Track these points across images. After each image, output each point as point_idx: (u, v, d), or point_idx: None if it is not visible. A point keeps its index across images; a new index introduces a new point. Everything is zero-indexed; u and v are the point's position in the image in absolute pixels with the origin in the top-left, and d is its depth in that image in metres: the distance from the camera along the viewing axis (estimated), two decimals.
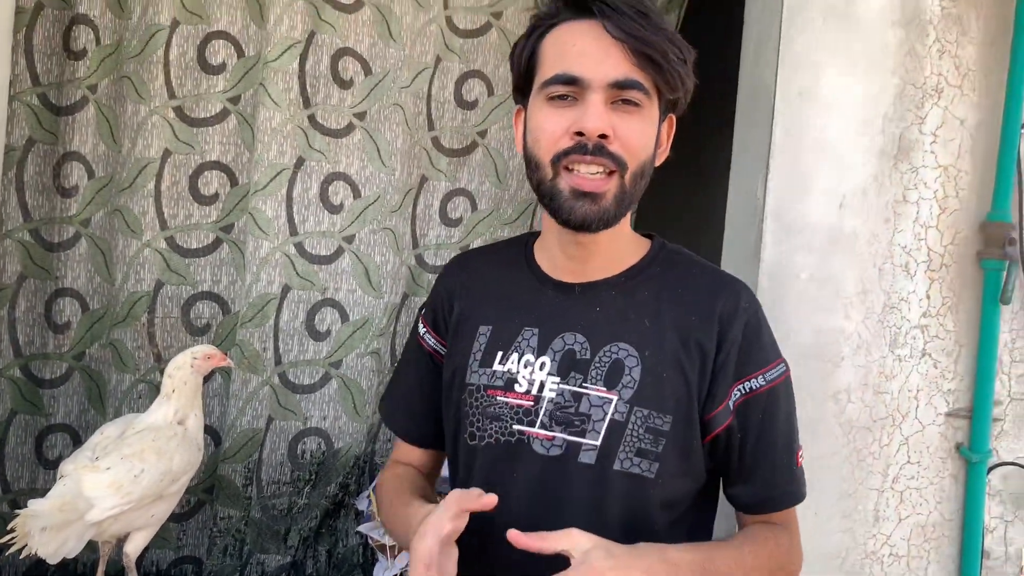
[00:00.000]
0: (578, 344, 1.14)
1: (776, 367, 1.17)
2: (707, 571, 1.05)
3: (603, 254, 1.16)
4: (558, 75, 1.06)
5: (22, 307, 1.89)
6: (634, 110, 1.07)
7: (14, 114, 1.85)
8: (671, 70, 1.07)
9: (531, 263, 1.22)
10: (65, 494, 1.50)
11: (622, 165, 1.07)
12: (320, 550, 2.02)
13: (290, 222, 1.99)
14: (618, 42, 1.04)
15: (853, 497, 1.96)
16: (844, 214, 1.94)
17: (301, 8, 1.97)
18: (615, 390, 1.10)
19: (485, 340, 1.18)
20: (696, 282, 1.17)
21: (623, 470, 1.09)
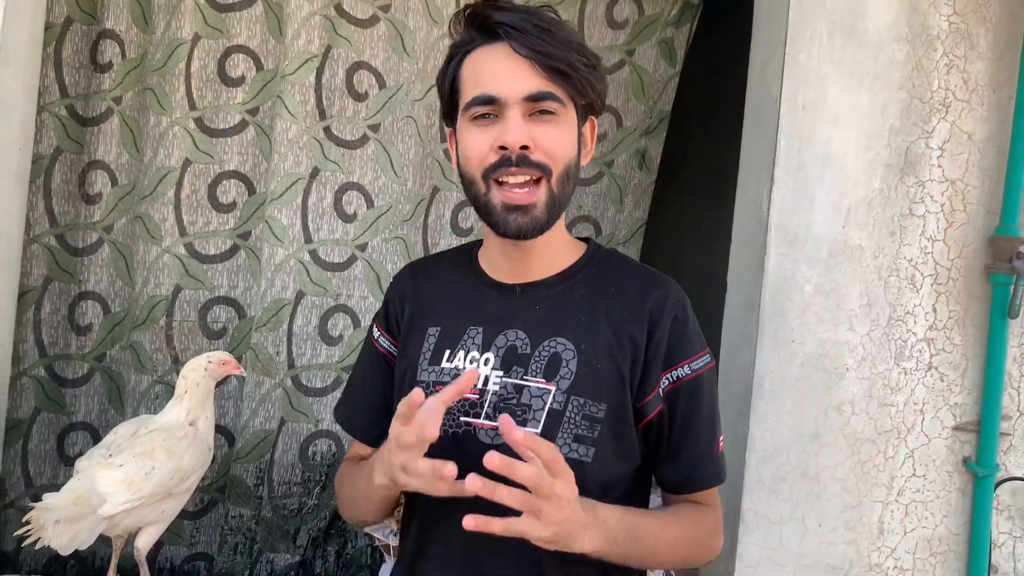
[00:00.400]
0: (519, 340, 1.21)
1: (701, 358, 1.24)
2: (631, 535, 1.13)
3: (540, 256, 1.24)
4: (476, 97, 1.14)
5: (47, 309, 1.96)
6: (551, 119, 1.15)
7: (43, 124, 1.93)
8: (579, 79, 1.15)
9: (475, 268, 1.30)
10: (79, 489, 1.56)
11: (547, 171, 1.15)
12: (329, 550, 2.06)
13: (305, 230, 2.05)
14: (526, 59, 1.12)
15: (857, 509, 1.96)
16: (849, 227, 1.95)
17: (318, 23, 2.03)
18: (553, 381, 1.18)
19: (434, 340, 1.26)
20: (628, 280, 1.25)
21: (562, 455, 1.12)
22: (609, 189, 2.22)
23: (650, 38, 2.22)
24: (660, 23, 2.22)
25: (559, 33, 1.15)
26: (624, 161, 2.23)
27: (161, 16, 2.00)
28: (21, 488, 1.95)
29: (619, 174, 2.22)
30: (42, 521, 1.48)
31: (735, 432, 1.97)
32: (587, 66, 1.17)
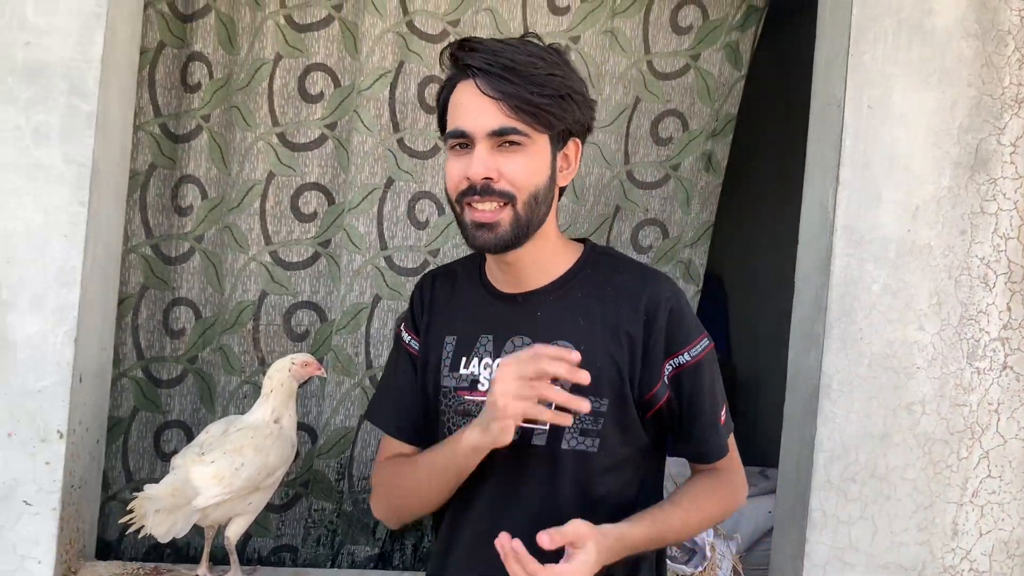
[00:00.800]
0: (525, 345, 1.32)
1: (700, 343, 1.35)
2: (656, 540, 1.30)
3: (532, 266, 1.36)
4: (451, 131, 1.29)
5: (143, 315, 2.10)
6: (517, 149, 1.26)
7: (138, 142, 2.07)
8: (543, 112, 1.25)
9: (483, 279, 1.43)
10: (175, 482, 1.68)
11: (511, 197, 1.26)
12: (406, 543, 2.15)
13: (380, 237, 2.15)
14: (490, 98, 1.24)
15: (929, 510, 1.95)
16: (917, 226, 1.95)
17: (391, 40, 2.13)
18: (557, 382, 1.24)
19: (452, 348, 1.40)
20: (622, 279, 1.36)
21: (570, 448, 1.30)
22: (676, 192, 2.26)
23: (715, 42, 2.25)
24: (725, 27, 2.25)
25: (524, 70, 1.24)
26: (690, 164, 2.26)
27: (245, 38, 2.12)
28: (122, 482, 2.10)
29: (685, 177, 2.26)
30: (144, 510, 1.60)
31: (802, 432, 1.99)
32: (552, 97, 1.26)
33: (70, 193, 1.75)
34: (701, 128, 2.26)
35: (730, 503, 1.41)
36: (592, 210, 2.22)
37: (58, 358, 1.74)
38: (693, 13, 2.25)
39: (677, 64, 2.25)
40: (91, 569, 1.86)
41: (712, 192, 2.29)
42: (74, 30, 1.75)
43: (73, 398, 1.76)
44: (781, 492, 2.09)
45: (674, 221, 2.26)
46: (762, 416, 3.28)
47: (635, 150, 2.25)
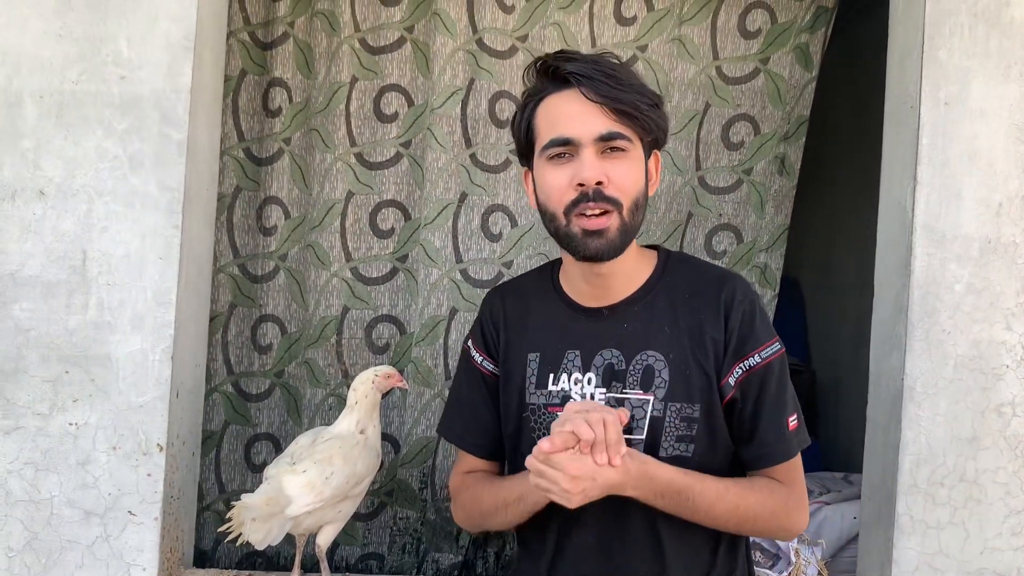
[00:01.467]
0: (615, 358, 1.36)
1: (771, 346, 1.36)
2: (681, 495, 1.28)
3: (618, 277, 1.39)
4: (554, 139, 1.29)
5: (232, 332, 2.19)
6: (622, 155, 1.29)
7: (225, 167, 2.17)
8: (644, 118, 1.28)
9: (560, 293, 1.45)
10: (269, 492, 1.74)
11: (618, 204, 1.29)
12: (489, 551, 2.19)
13: (456, 251, 2.20)
14: (596, 104, 1.26)
15: (1023, 514, 1.90)
16: (1000, 223, 1.90)
17: (462, 58, 2.18)
18: (650, 391, 1.33)
19: (536, 365, 1.42)
20: (700, 284, 1.38)
21: (667, 454, 1.33)
22: (749, 196, 2.25)
23: (784, 45, 2.24)
24: (794, 29, 2.24)
25: (623, 78, 1.29)
26: (763, 167, 2.25)
27: (322, 63, 2.20)
28: (215, 493, 2.18)
29: (758, 181, 2.25)
30: (241, 518, 1.67)
31: (886, 436, 1.96)
32: (650, 105, 1.30)
33: (164, 218, 1.85)
34: (773, 131, 2.25)
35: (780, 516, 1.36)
36: (664, 217, 2.23)
37: (157, 375, 1.83)
38: (761, 17, 2.24)
39: (746, 68, 2.25)
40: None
41: (786, 195, 2.28)
42: (164, 63, 1.85)
43: (171, 412, 1.85)
44: (866, 497, 2.05)
45: (748, 225, 2.26)
46: (844, 421, 3.22)
47: (706, 155, 2.25)
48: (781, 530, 1.38)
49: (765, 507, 1.34)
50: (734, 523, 1.34)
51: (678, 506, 1.30)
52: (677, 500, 1.29)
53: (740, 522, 1.34)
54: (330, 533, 1.85)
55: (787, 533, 1.40)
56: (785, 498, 1.36)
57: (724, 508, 1.31)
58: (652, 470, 1.27)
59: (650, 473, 1.26)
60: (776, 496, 1.35)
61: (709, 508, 1.30)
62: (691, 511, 1.31)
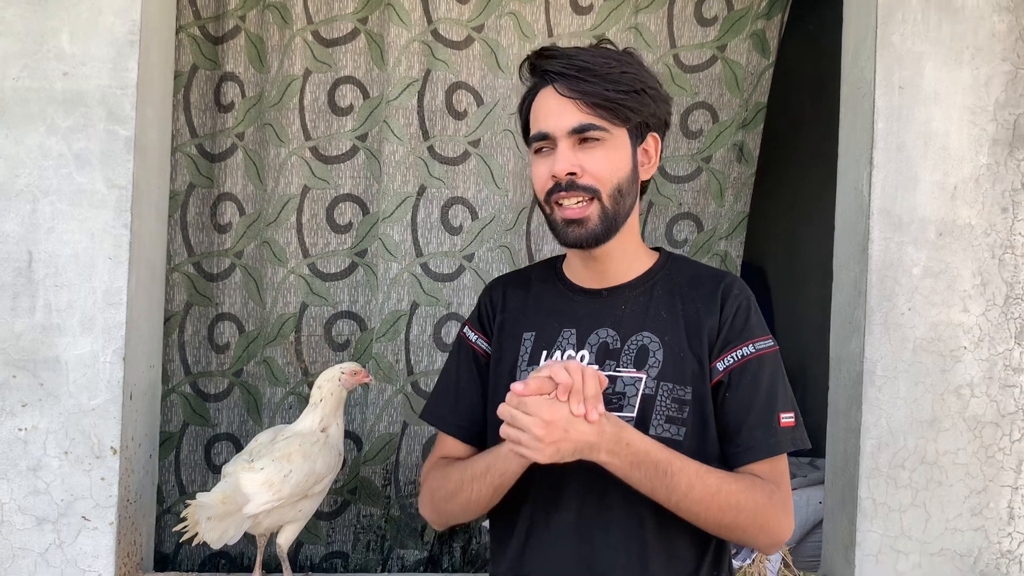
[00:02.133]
0: (610, 337, 1.37)
1: (763, 341, 1.35)
2: (658, 468, 1.24)
3: (616, 263, 1.40)
4: (535, 134, 1.36)
5: (189, 331, 2.16)
6: (597, 144, 1.32)
7: (177, 164, 2.13)
8: (618, 107, 1.31)
9: (561, 278, 1.46)
10: (226, 490, 1.71)
11: (595, 192, 1.32)
12: (454, 546, 2.17)
13: (415, 245, 2.17)
14: (569, 99, 1.31)
15: (983, 494, 1.91)
16: (956, 206, 1.92)
17: (417, 49, 2.16)
18: (643, 370, 1.33)
19: (531, 343, 1.42)
20: (700, 279, 1.40)
21: (657, 435, 1.30)
22: (708, 184, 2.25)
23: (741, 32, 2.24)
24: (750, 16, 2.23)
25: (599, 69, 1.31)
26: (722, 155, 2.25)
27: (274, 56, 2.16)
28: (176, 495, 2.15)
29: (717, 169, 2.24)
30: (196, 517, 1.64)
31: (848, 420, 1.96)
32: (627, 92, 1.32)
33: (113, 216, 1.81)
34: (731, 119, 2.24)
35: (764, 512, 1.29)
36: None
37: (108, 376, 1.79)
38: (718, 4, 2.24)
39: (704, 56, 2.24)
40: None
41: (745, 183, 2.28)
42: (109, 58, 1.80)
43: (125, 415, 1.81)
44: (829, 482, 2.06)
45: (708, 214, 2.25)
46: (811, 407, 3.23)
47: (665, 144, 2.23)
48: (764, 530, 1.30)
49: (749, 499, 1.28)
50: (714, 512, 1.27)
51: (654, 481, 1.24)
52: (654, 474, 1.24)
53: (720, 512, 1.27)
54: (291, 532, 1.82)
55: (769, 536, 1.31)
56: (770, 494, 1.30)
57: (704, 491, 1.25)
58: (629, 436, 1.23)
59: (626, 438, 1.23)
60: (761, 491, 1.29)
61: (688, 489, 1.25)
62: (667, 489, 1.25)
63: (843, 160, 2.06)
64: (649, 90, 1.35)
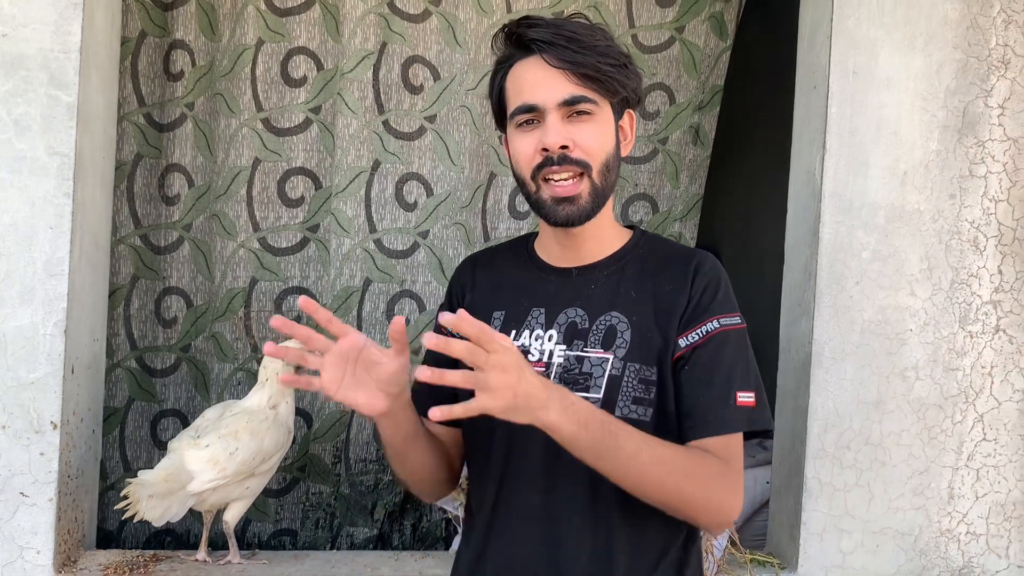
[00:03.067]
0: (578, 316, 1.33)
1: (729, 317, 1.31)
2: (606, 429, 1.18)
3: (591, 241, 1.36)
4: (519, 106, 1.28)
5: (135, 305, 2.11)
6: (587, 118, 1.27)
7: (124, 133, 2.07)
8: (608, 79, 1.26)
9: (533, 256, 1.42)
10: (170, 467, 1.69)
11: (587, 167, 1.27)
12: (405, 524, 2.16)
13: (369, 220, 2.14)
14: (558, 69, 1.25)
15: (925, 475, 1.95)
16: (906, 191, 1.94)
17: (373, 21, 2.12)
18: (611, 350, 1.29)
19: (500, 322, 1.38)
20: (672, 258, 1.36)
21: (623, 416, 1.27)
22: (664, 166, 2.25)
23: (699, 13, 2.23)
24: None
25: (587, 40, 1.27)
26: (678, 137, 2.25)
27: (226, 24, 2.11)
28: (120, 471, 2.11)
29: (673, 151, 2.25)
30: (137, 495, 1.61)
31: (796, 401, 1.99)
32: (614, 66, 1.28)
33: (55, 185, 1.75)
34: (688, 101, 2.25)
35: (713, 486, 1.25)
36: None
37: (49, 350, 1.74)
38: None
39: (662, 37, 2.24)
40: (91, 558, 1.87)
41: (701, 165, 2.28)
42: (51, 20, 1.74)
43: (66, 389, 1.76)
44: (777, 462, 2.09)
45: (663, 195, 2.26)
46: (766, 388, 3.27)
47: None
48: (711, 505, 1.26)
49: (698, 469, 1.24)
50: (661, 478, 1.22)
51: (602, 444, 1.19)
52: (602, 435, 1.19)
53: (667, 479, 1.22)
54: (238, 510, 1.80)
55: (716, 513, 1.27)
56: (722, 470, 1.26)
57: (651, 456, 1.21)
58: (573, 397, 1.19)
59: (571, 398, 1.18)
60: (711, 464, 1.26)
61: (636, 451, 1.20)
62: (614, 453, 1.20)
63: (797, 144, 2.07)
64: (630, 64, 1.32)
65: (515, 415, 1.12)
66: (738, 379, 1.30)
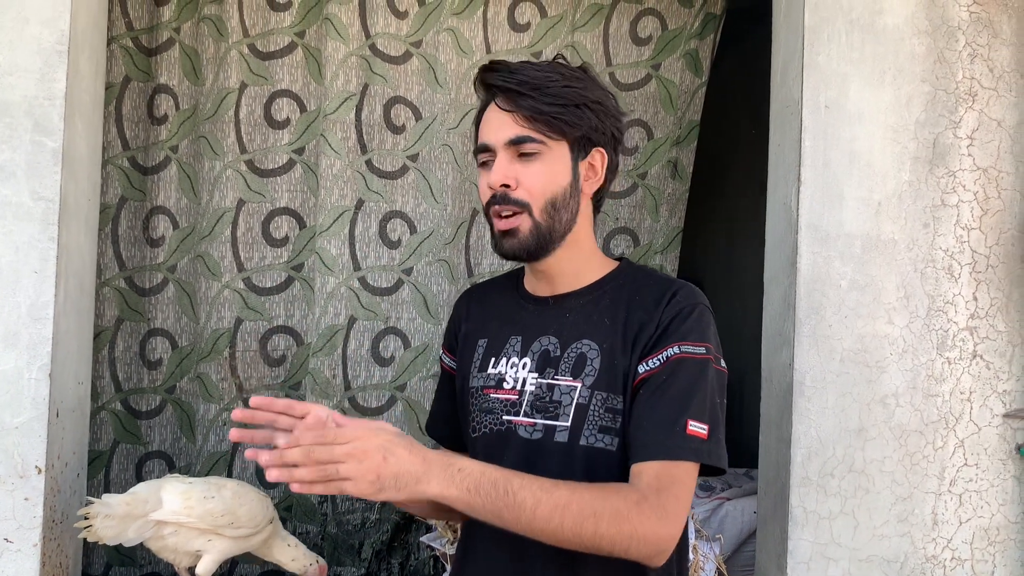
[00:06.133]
0: (551, 344, 1.36)
1: (693, 346, 1.28)
2: (499, 489, 1.13)
3: (566, 273, 1.39)
4: (477, 146, 1.37)
5: (120, 347, 2.11)
6: (534, 158, 1.32)
7: (108, 176, 2.09)
8: (559, 119, 1.30)
9: (519, 287, 1.46)
10: (141, 490, 1.72)
11: (525, 206, 1.32)
12: (393, 562, 2.15)
13: (353, 258, 2.16)
14: (507, 112, 1.31)
15: (908, 501, 1.97)
16: (880, 221, 1.98)
17: (355, 63, 2.16)
18: (579, 379, 1.31)
19: (482, 350, 1.43)
20: (649, 287, 1.36)
21: (588, 445, 1.29)
22: (644, 200, 2.28)
23: (675, 51, 2.28)
24: (684, 36, 2.28)
25: (539, 83, 1.31)
26: (657, 172, 2.29)
27: (209, 68, 2.14)
28: None
29: (653, 185, 2.28)
30: (94, 513, 1.63)
31: (779, 430, 2.00)
32: (565, 106, 1.31)
33: (39, 229, 1.76)
34: (665, 136, 2.29)
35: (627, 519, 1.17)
36: None
37: (33, 394, 1.74)
38: (652, 23, 2.28)
39: (639, 74, 2.28)
40: None
41: (680, 198, 2.32)
42: (36, 68, 1.77)
43: (50, 433, 1.76)
44: (762, 491, 2.10)
45: (644, 229, 2.29)
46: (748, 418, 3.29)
47: None
48: (633, 539, 1.18)
49: (607, 505, 1.17)
50: (571, 525, 1.15)
51: (498, 503, 1.13)
52: (495, 495, 1.13)
53: (577, 524, 1.15)
54: (209, 563, 1.78)
55: (645, 545, 1.18)
56: (638, 500, 1.19)
57: (553, 504, 1.14)
58: (460, 462, 1.13)
59: (457, 464, 1.12)
60: (623, 496, 1.19)
61: (535, 504, 1.14)
62: (514, 510, 1.13)
63: (773, 177, 2.11)
64: (592, 104, 1.34)
65: (386, 495, 1.09)
66: (691, 408, 1.25)
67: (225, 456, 2.14)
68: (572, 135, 1.33)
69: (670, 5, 2.28)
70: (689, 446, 1.24)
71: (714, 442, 1.25)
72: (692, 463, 1.24)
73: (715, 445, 1.25)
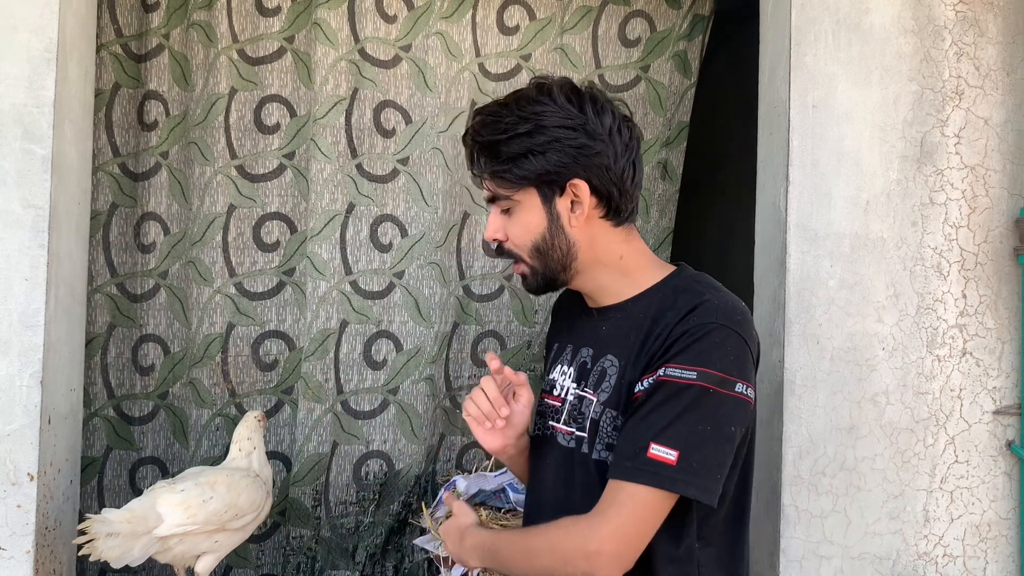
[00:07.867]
0: (588, 356, 1.41)
1: (685, 370, 1.23)
2: (491, 552, 1.36)
3: (602, 289, 1.42)
4: None
5: (112, 353, 2.11)
6: (511, 211, 1.38)
7: (99, 183, 2.09)
8: (517, 175, 1.33)
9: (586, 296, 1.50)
10: (137, 507, 1.68)
11: (515, 256, 1.40)
12: (387, 565, 2.16)
13: (344, 262, 2.17)
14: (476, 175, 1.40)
15: (900, 499, 1.97)
16: (869, 220, 1.98)
17: (344, 68, 2.16)
18: (597, 393, 1.35)
19: (552, 354, 1.53)
20: (678, 305, 1.31)
21: (598, 458, 1.34)
22: None
23: (663, 52, 2.29)
24: (672, 37, 2.29)
25: (491, 142, 1.34)
26: (647, 173, 2.29)
27: (199, 74, 2.15)
28: None
29: (644, 186, 2.29)
30: (96, 531, 1.59)
31: (770, 429, 2.01)
32: (509, 160, 1.32)
33: (29, 236, 1.77)
34: (655, 137, 2.29)
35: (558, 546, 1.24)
36: None
37: (25, 401, 1.75)
38: (640, 25, 2.29)
39: (628, 76, 2.29)
40: None
41: (670, 199, 2.33)
42: (24, 76, 1.77)
43: (43, 440, 1.76)
44: (754, 490, 2.09)
45: None
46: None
47: None
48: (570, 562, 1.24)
49: (545, 541, 1.28)
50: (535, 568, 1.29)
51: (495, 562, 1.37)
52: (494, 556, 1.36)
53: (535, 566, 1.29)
54: (209, 562, 1.78)
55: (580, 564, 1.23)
56: (569, 525, 1.26)
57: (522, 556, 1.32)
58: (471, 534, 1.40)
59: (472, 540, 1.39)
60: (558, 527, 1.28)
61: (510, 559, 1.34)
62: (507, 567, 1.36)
63: (761, 177, 2.12)
64: (542, 146, 1.30)
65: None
66: (661, 432, 1.21)
67: (217, 462, 2.14)
68: (526, 184, 1.34)
69: (658, 7, 2.29)
70: (646, 470, 1.20)
71: (685, 470, 1.20)
72: (647, 487, 1.20)
73: (686, 473, 1.20)
